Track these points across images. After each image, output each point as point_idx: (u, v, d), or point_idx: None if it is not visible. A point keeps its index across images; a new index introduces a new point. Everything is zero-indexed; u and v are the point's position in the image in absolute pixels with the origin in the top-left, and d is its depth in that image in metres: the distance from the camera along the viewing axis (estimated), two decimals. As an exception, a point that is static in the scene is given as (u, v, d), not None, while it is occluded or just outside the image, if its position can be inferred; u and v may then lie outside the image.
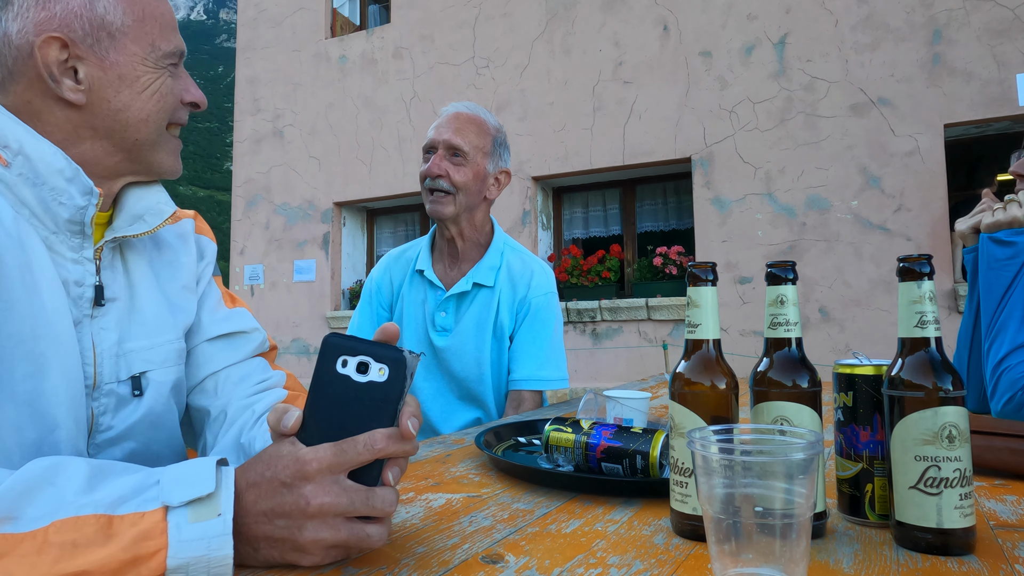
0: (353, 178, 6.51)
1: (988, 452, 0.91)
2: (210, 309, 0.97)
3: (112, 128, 0.78)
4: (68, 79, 0.75)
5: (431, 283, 1.69)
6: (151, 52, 0.79)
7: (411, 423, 0.59)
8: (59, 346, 0.75)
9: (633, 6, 5.34)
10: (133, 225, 0.83)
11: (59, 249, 0.77)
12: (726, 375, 0.69)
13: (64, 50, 0.74)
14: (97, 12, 0.75)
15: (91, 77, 0.76)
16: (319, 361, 0.60)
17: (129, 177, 0.84)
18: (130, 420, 0.84)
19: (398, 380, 0.60)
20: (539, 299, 1.67)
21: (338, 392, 0.60)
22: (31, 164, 0.73)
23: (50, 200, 0.74)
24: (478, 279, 1.65)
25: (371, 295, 1.78)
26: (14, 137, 0.73)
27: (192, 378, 0.95)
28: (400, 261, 1.78)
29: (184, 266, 0.95)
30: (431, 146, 1.62)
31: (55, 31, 0.73)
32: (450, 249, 1.70)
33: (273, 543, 0.57)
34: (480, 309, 1.66)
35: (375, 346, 0.60)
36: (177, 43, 0.83)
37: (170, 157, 0.85)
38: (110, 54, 0.76)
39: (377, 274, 1.79)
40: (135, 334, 0.85)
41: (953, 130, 4.42)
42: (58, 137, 0.76)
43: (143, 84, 0.79)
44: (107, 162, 0.80)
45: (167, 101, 0.82)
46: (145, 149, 0.81)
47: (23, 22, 0.73)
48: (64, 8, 0.74)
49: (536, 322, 1.66)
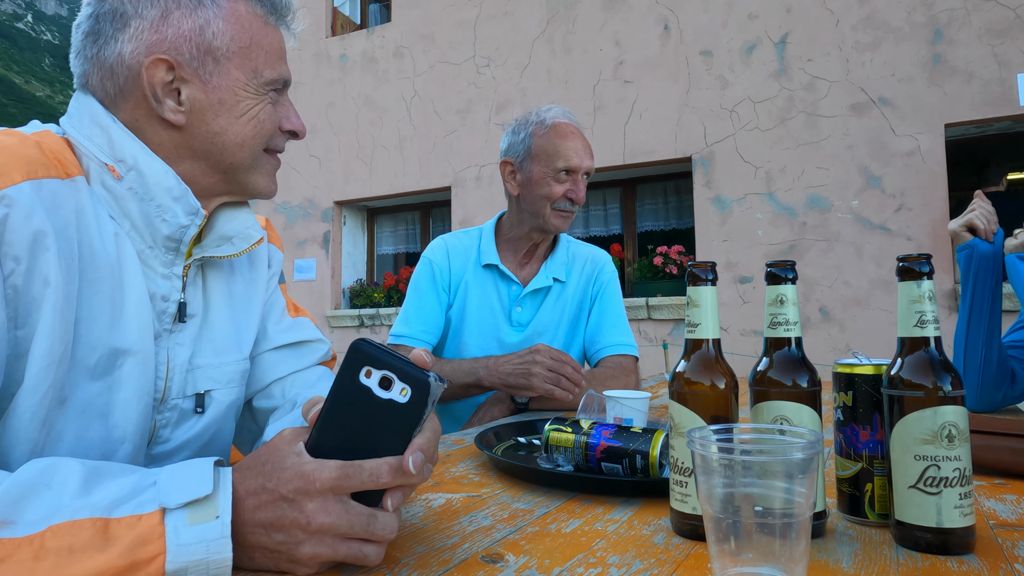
0: (353, 177, 6.51)
1: (988, 452, 0.91)
2: (275, 319, 1.00)
3: (209, 150, 0.80)
4: (171, 100, 0.77)
5: (506, 278, 1.70)
6: (253, 78, 0.80)
7: (413, 459, 0.57)
8: (138, 359, 0.77)
9: (634, 5, 5.33)
10: (221, 247, 0.85)
11: (152, 263, 0.79)
12: (726, 375, 0.69)
13: (170, 72, 0.76)
14: (206, 37, 0.77)
15: (192, 99, 0.77)
16: (343, 365, 0.58)
17: (225, 197, 0.86)
18: (187, 435, 0.86)
19: (418, 405, 0.58)
20: (609, 276, 1.77)
21: (355, 403, 0.58)
22: (143, 180, 0.75)
23: (154, 216, 0.76)
24: (555, 274, 1.71)
25: (434, 277, 1.70)
26: (130, 153, 0.75)
27: (257, 383, 0.97)
28: (459, 249, 1.74)
29: (259, 285, 0.97)
30: (573, 169, 1.62)
31: (164, 53, 0.75)
32: (528, 249, 1.73)
33: (269, 553, 0.57)
34: (555, 303, 1.71)
35: (403, 363, 0.58)
36: (281, 72, 0.84)
37: (265, 179, 0.86)
38: (213, 78, 0.78)
39: (438, 257, 1.72)
40: (204, 351, 0.87)
41: (954, 130, 4.41)
42: (161, 155, 0.78)
43: (242, 109, 0.80)
44: (204, 182, 0.82)
45: (264, 128, 0.82)
46: (240, 172, 0.83)
47: (137, 43, 0.75)
48: (175, 32, 0.76)
49: (612, 296, 1.76)
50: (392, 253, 7.04)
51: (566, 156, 1.62)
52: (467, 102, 5.98)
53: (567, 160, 1.62)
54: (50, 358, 0.67)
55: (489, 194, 5.80)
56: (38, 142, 0.72)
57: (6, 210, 0.64)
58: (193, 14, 0.76)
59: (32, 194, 0.66)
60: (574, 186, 1.63)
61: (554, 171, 1.62)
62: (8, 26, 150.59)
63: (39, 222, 0.66)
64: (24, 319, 0.66)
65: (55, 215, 0.68)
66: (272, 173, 0.87)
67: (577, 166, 1.62)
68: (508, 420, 1.41)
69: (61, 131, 0.79)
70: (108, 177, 0.75)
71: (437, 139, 6.10)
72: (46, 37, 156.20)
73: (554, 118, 1.66)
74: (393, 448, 0.58)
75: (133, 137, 0.76)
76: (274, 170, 0.88)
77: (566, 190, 1.62)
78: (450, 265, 1.72)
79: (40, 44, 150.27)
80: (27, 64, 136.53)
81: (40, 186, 0.68)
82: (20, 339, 0.66)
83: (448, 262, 1.72)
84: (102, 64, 0.77)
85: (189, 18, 0.76)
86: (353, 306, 6.56)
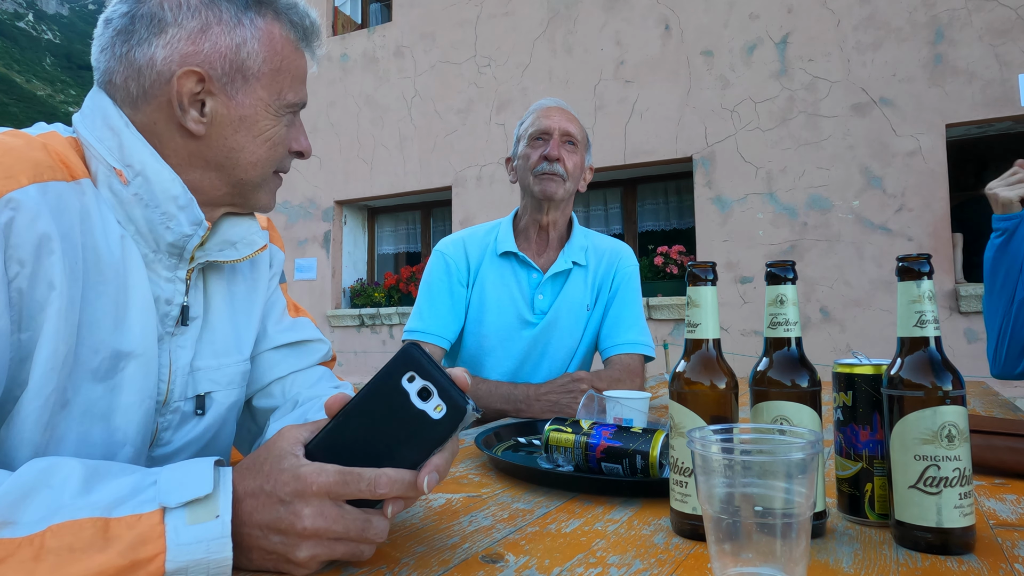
0: (354, 176, 6.52)
1: (988, 452, 0.91)
2: (275, 319, 1.00)
3: (223, 164, 0.80)
4: (194, 110, 0.77)
5: (526, 265, 1.69)
6: (276, 100, 0.81)
7: (429, 479, 0.58)
8: (140, 362, 0.77)
9: (635, 5, 5.33)
10: (224, 251, 0.85)
11: (155, 267, 0.79)
12: (726, 375, 0.69)
13: (200, 84, 0.76)
14: (240, 56, 0.78)
15: (215, 112, 0.78)
16: (389, 364, 0.59)
17: (228, 208, 0.86)
18: (188, 437, 0.87)
19: (448, 427, 0.58)
20: (629, 270, 1.76)
21: (388, 404, 0.58)
22: (149, 186, 0.76)
23: (158, 223, 0.77)
24: (574, 258, 1.70)
25: (448, 270, 1.69)
26: (138, 158, 0.75)
27: (257, 382, 0.98)
28: (475, 241, 1.73)
29: (260, 287, 0.97)
30: (544, 132, 1.64)
31: (197, 66, 0.75)
32: (540, 235, 1.72)
33: (267, 555, 0.57)
34: (575, 287, 1.70)
35: (447, 381, 0.58)
36: (302, 95, 0.85)
37: (267, 196, 0.87)
38: (239, 95, 0.78)
39: (451, 250, 1.71)
40: (205, 353, 0.87)
41: (955, 130, 4.41)
42: (173, 161, 0.78)
43: (260, 129, 0.81)
44: (212, 193, 0.82)
45: (277, 150, 0.84)
46: (247, 188, 0.84)
47: (171, 51, 0.75)
48: (212, 47, 0.76)
49: (630, 291, 1.74)
50: (393, 253, 7.04)
51: (536, 122, 1.66)
52: (468, 102, 5.98)
53: (537, 125, 1.65)
54: (54, 361, 0.67)
55: (490, 194, 5.80)
56: (44, 144, 0.72)
57: (12, 213, 0.64)
58: (232, 32, 0.77)
59: (38, 197, 0.66)
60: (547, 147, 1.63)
61: (531, 140, 1.66)
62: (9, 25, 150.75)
63: (44, 225, 0.66)
64: (29, 322, 0.66)
65: (60, 218, 0.68)
66: (274, 191, 0.88)
67: (548, 127, 1.63)
68: (508, 420, 1.41)
69: (68, 131, 0.79)
70: (115, 181, 0.75)
71: (438, 139, 6.10)
72: (47, 36, 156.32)
73: (537, 105, 1.71)
74: (408, 458, 0.58)
75: (144, 143, 0.76)
76: (275, 189, 0.89)
77: (540, 151, 1.63)
78: (467, 255, 1.70)
79: (41, 43, 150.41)
80: (28, 63, 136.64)
81: (46, 189, 0.68)
82: (24, 342, 0.66)
83: (465, 253, 1.71)
84: (130, 64, 0.76)
85: (227, 35, 0.77)
86: (354, 306, 6.57)
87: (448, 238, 1.75)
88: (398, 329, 6.17)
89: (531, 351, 1.69)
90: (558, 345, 1.69)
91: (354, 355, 6.32)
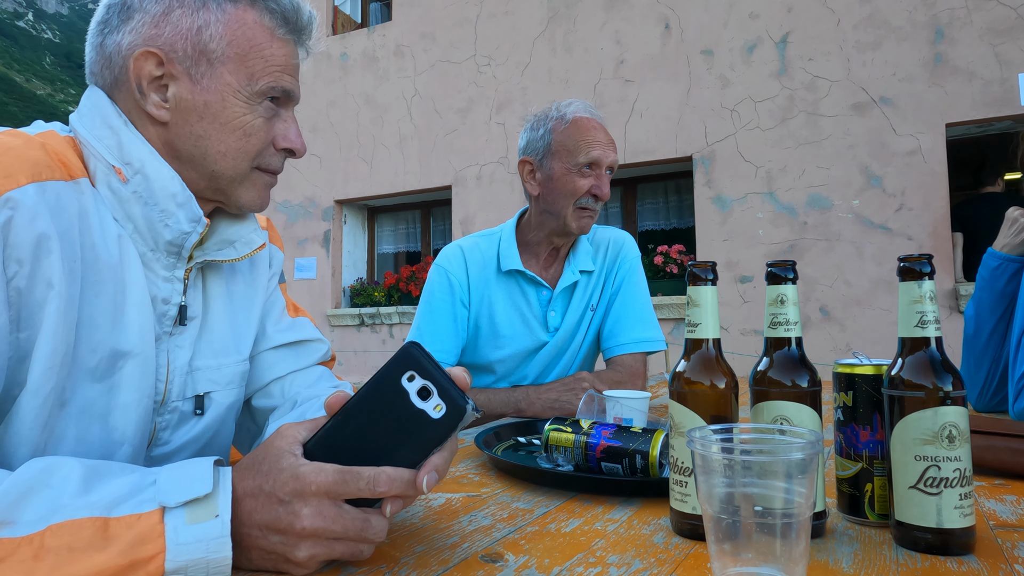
0: (354, 176, 6.51)
1: (988, 452, 0.91)
2: (274, 319, 0.99)
3: (192, 154, 0.79)
4: (156, 95, 0.77)
5: (534, 283, 1.62)
6: (246, 86, 0.79)
7: (428, 478, 0.58)
8: (138, 362, 0.77)
9: (635, 4, 5.33)
10: (222, 250, 0.85)
11: (153, 266, 0.79)
12: (726, 374, 0.69)
13: (160, 67, 0.76)
14: (203, 38, 0.77)
15: (178, 97, 0.77)
16: (389, 363, 0.59)
17: (216, 205, 0.85)
18: (187, 437, 0.86)
19: (448, 426, 0.58)
20: (631, 263, 1.70)
21: (388, 403, 0.58)
22: (148, 184, 0.75)
23: (156, 221, 0.76)
24: (582, 266, 1.64)
25: (452, 290, 1.60)
26: (137, 156, 0.75)
27: (256, 382, 0.97)
28: (477, 257, 1.63)
29: (259, 286, 0.97)
30: (596, 163, 1.54)
31: (157, 48, 0.75)
32: (550, 252, 1.65)
33: (267, 554, 0.57)
34: (582, 294, 1.66)
35: (448, 381, 0.58)
36: (281, 84, 0.81)
37: (250, 193, 0.83)
38: (204, 79, 0.77)
39: (454, 267, 1.62)
40: (203, 353, 0.87)
41: (955, 130, 4.41)
42: None
43: (228, 116, 0.78)
44: (194, 187, 0.81)
45: (251, 140, 0.80)
46: (224, 182, 0.81)
47: (135, 36, 0.76)
48: (173, 29, 0.76)
49: (632, 284, 1.68)
50: (392, 252, 7.04)
51: (588, 149, 1.53)
52: (468, 101, 5.98)
53: (589, 153, 1.52)
54: (53, 360, 0.67)
55: (490, 193, 5.80)
56: (43, 143, 0.72)
57: (10, 213, 0.64)
58: (194, 15, 0.76)
59: (36, 196, 0.66)
60: (598, 181, 1.53)
61: (576, 166, 1.53)
62: (9, 24, 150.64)
63: (43, 225, 0.66)
64: (27, 322, 0.66)
65: (59, 217, 0.68)
66: (262, 188, 0.85)
67: (600, 159, 1.53)
68: (508, 420, 1.41)
69: (66, 130, 0.79)
70: (114, 179, 0.75)
71: (438, 138, 6.09)
72: (47, 35, 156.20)
73: (575, 112, 1.57)
74: (407, 458, 0.58)
75: (143, 140, 0.76)
76: (265, 186, 0.85)
77: (590, 185, 1.53)
78: (468, 276, 1.62)
79: (41, 43, 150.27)
80: (28, 62, 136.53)
81: (44, 188, 0.68)
82: (23, 342, 0.66)
83: (466, 273, 1.62)
84: (103, 53, 0.78)
85: (189, 17, 0.76)
86: (353, 305, 6.56)
87: (449, 251, 1.66)
88: (398, 328, 6.17)
89: (545, 366, 1.67)
90: (571, 354, 1.67)
91: (354, 354, 6.32)
